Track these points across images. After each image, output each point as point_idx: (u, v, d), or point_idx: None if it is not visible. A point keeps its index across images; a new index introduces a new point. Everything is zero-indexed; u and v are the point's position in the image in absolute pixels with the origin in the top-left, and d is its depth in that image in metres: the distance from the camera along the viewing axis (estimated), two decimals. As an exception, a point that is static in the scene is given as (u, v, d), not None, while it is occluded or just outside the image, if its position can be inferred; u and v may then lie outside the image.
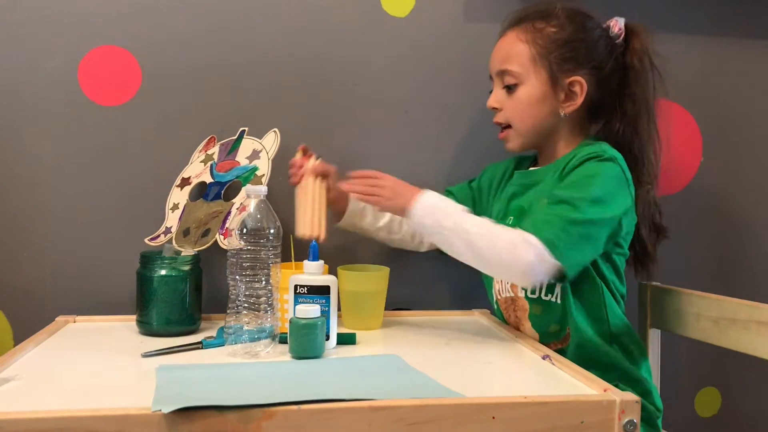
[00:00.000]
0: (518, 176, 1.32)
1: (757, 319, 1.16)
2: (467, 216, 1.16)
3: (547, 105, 1.25)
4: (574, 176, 1.17)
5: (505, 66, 1.25)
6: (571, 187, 1.15)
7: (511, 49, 1.26)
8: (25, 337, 1.15)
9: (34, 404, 0.84)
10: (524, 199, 1.27)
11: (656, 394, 1.24)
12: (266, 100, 1.43)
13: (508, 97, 1.26)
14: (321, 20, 1.44)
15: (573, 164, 1.18)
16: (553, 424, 0.85)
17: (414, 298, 1.47)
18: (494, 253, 1.11)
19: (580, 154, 1.19)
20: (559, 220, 1.11)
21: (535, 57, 1.23)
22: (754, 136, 1.59)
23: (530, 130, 1.26)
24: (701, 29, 1.55)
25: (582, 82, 1.23)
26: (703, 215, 1.58)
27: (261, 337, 1.08)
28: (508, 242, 1.10)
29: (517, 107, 1.25)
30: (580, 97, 1.24)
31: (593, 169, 1.16)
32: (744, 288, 1.48)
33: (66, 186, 1.39)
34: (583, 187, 1.14)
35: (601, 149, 1.19)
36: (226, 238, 1.21)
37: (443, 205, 1.18)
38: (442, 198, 1.20)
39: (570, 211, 1.12)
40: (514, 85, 1.25)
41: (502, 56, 1.27)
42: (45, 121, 1.38)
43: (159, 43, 1.40)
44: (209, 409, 0.80)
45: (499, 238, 1.11)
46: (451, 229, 1.14)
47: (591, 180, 1.15)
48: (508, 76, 1.25)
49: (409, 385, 0.93)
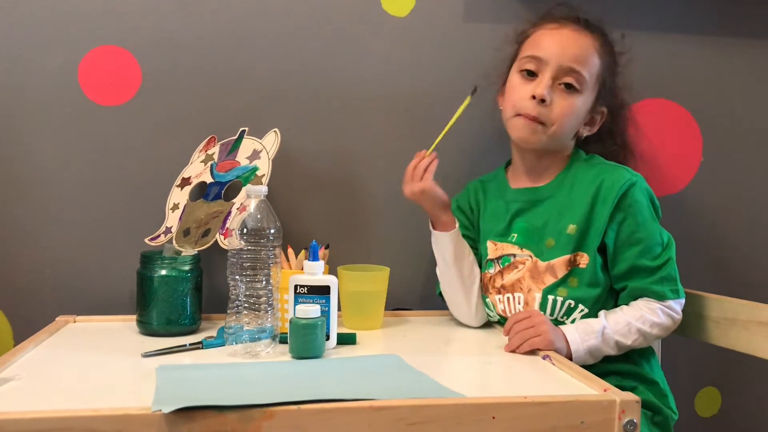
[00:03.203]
0: (516, 193, 1.30)
1: (757, 319, 1.16)
2: (610, 330, 1.15)
3: (580, 123, 1.26)
4: (634, 215, 1.19)
5: (579, 67, 1.20)
6: (641, 230, 1.19)
7: (587, 53, 1.22)
8: (25, 337, 1.15)
9: (34, 404, 0.84)
10: (533, 217, 1.26)
11: (671, 397, 1.24)
12: (266, 100, 1.43)
13: (559, 96, 1.21)
14: (321, 20, 1.44)
15: (615, 198, 1.19)
16: (553, 424, 0.85)
17: (414, 298, 1.47)
18: (654, 338, 1.20)
19: (616, 185, 1.19)
20: (667, 270, 1.19)
21: (599, 75, 1.24)
22: (754, 136, 1.59)
23: (559, 138, 1.24)
24: (701, 29, 1.55)
25: (605, 113, 1.28)
26: (703, 215, 1.58)
27: (261, 337, 1.08)
28: (662, 328, 1.18)
29: (567, 110, 1.21)
30: (598, 124, 1.28)
31: (640, 196, 1.20)
32: (744, 288, 1.48)
33: (66, 186, 1.39)
34: (651, 221, 1.20)
35: (628, 173, 1.22)
36: (227, 238, 1.21)
37: (591, 345, 1.14)
38: (578, 332, 1.15)
39: (664, 255, 1.19)
40: (575, 90, 1.21)
41: (576, 54, 1.21)
42: (45, 121, 1.38)
43: (159, 43, 1.40)
44: (209, 409, 0.80)
45: (653, 328, 1.17)
46: (609, 353, 1.16)
47: (645, 212, 1.20)
48: (575, 76, 1.20)
49: (409, 385, 0.93)
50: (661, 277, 1.18)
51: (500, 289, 1.26)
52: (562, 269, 1.20)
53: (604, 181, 1.21)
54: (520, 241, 1.25)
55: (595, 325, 1.15)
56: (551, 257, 1.22)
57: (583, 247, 1.20)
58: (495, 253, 1.28)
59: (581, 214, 1.21)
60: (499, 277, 1.26)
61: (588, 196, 1.21)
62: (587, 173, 1.25)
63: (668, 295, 1.18)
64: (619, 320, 1.16)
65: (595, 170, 1.24)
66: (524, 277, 1.23)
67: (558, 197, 1.25)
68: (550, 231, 1.23)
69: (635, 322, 1.16)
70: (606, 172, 1.23)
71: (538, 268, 1.22)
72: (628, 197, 1.19)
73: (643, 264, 1.18)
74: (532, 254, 1.23)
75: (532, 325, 1.12)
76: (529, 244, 1.24)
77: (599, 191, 1.21)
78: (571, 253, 1.20)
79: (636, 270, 1.19)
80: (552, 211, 1.24)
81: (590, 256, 1.20)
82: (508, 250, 1.26)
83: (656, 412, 1.20)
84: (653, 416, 1.20)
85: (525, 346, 1.11)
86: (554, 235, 1.22)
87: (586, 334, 1.14)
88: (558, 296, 1.20)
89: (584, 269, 1.20)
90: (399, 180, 1.27)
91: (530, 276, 1.23)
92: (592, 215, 1.20)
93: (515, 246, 1.26)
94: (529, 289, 1.22)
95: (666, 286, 1.18)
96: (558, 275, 1.21)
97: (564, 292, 1.20)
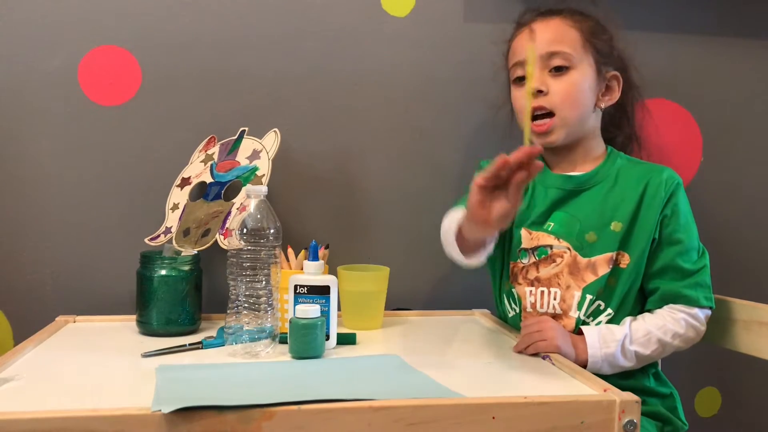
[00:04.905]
0: (558, 179, 1.25)
1: (757, 319, 1.16)
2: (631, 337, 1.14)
3: (592, 96, 1.22)
4: (679, 216, 1.19)
5: (556, 47, 1.19)
6: (684, 231, 1.19)
7: (561, 32, 1.21)
8: (25, 337, 1.15)
9: (34, 404, 0.84)
10: (572, 207, 1.22)
11: (681, 408, 1.24)
12: (266, 100, 1.43)
13: (555, 81, 1.19)
14: (321, 20, 1.44)
15: (665, 194, 1.19)
16: (553, 424, 0.85)
17: (414, 298, 1.47)
18: (674, 349, 1.17)
19: (667, 182, 1.19)
20: (702, 276, 1.18)
21: (585, 44, 1.20)
22: (754, 136, 1.59)
23: (576, 121, 1.21)
24: (701, 29, 1.55)
25: (619, 77, 1.24)
26: (703, 215, 1.57)
27: (261, 337, 1.08)
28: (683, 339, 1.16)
29: (567, 90, 1.19)
30: (617, 92, 1.24)
31: (683, 199, 1.21)
32: (744, 288, 1.48)
33: (66, 186, 1.39)
34: (692, 225, 1.21)
35: (674, 173, 1.21)
36: (226, 238, 1.21)
37: (608, 353, 1.13)
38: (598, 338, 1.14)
39: (701, 261, 1.19)
40: (566, 68, 1.19)
41: (550, 38, 1.20)
42: (45, 121, 1.38)
43: (159, 43, 1.40)
44: (209, 409, 0.80)
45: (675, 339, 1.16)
46: (627, 365, 1.14)
47: (688, 215, 1.21)
48: (559, 57, 1.19)
49: (409, 385, 0.93)
50: (696, 282, 1.17)
51: (533, 281, 1.22)
52: (604, 267, 1.17)
53: (652, 180, 1.19)
54: (557, 230, 1.21)
55: (617, 333, 1.13)
56: (593, 254, 1.18)
57: (626, 247, 1.18)
58: (530, 242, 1.23)
59: (628, 213, 1.18)
60: (534, 268, 1.22)
61: (636, 194, 1.19)
62: (632, 170, 1.22)
63: (701, 302, 1.16)
64: (640, 328, 1.14)
65: (640, 168, 1.23)
66: (563, 272, 1.19)
67: (600, 190, 1.22)
68: (592, 225, 1.19)
69: (656, 331, 1.14)
70: (654, 171, 1.21)
71: (578, 264, 1.19)
72: (675, 197, 1.19)
73: (679, 265, 1.17)
74: (571, 247, 1.19)
75: (540, 330, 1.11)
76: (568, 235, 1.20)
77: (647, 190, 1.19)
78: (614, 252, 1.18)
79: (671, 269, 1.17)
80: (594, 204, 1.21)
81: (632, 257, 1.17)
82: (544, 241, 1.21)
83: (667, 423, 1.20)
84: (663, 427, 1.19)
85: (530, 349, 1.10)
86: (597, 230, 1.19)
87: (606, 340, 1.12)
88: (596, 296, 1.17)
89: (624, 270, 1.17)
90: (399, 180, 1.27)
91: (569, 272, 1.19)
92: (640, 214, 1.18)
93: (551, 236, 1.21)
94: (567, 286, 1.19)
95: (700, 292, 1.17)
96: (599, 273, 1.17)
97: (601, 292, 1.17)
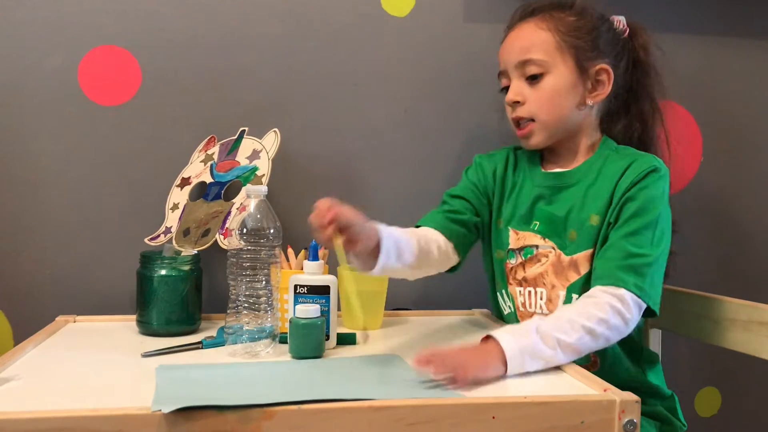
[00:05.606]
0: (543, 177, 1.23)
1: (757, 319, 1.16)
2: (549, 327, 1.01)
3: (574, 95, 1.19)
4: (641, 200, 1.11)
5: (527, 55, 1.18)
6: (641, 215, 1.10)
7: (532, 37, 1.19)
8: (25, 337, 1.15)
9: (34, 404, 0.83)
10: (555, 205, 1.19)
11: (679, 408, 1.23)
12: (266, 100, 1.43)
13: (532, 89, 1.18)
14: (321, 20, 1.44)
15: (634, 179, 1.12)
16: (553, 424, 0.85)
17: (414, 298, 1.47)
18: (604, 340, 1.05)
19: (639, 167, 1.13)
20: (642, 264, 1.07)
21: (560, 44, 1.17)
22: (754, 136, 1.59)
23: (556, 123, 1.19)
24: (701, 29, 1.55)
25: (608, 69, 1.19)
26: (703, 215, 1.58)
27: (261, 337, 1.08)
28: (610, 326, 1.03)
29: (543, 97, 1.18)
30: (607, 86, 1.20)
31: (656, 188, 1.12)
32: (744, 288, 1.48)
33: (66, 186, 1.39)
34: (651, 216, 1.10)
35: (657, 162, 1.14)
36: (226, 238, 1.21)
37: (525, 343, 0.99)
38: (510, 333, 1.00)
39: (648, 249, 1.08)
40: (540, 75, 1.17)
41: (521, 46, 1.19)
42: (45, 121, 1.38)
43: (159, 43, 1.40)
44: (209, 409, 0.80)
45: (600, 325, 1.03)
46: (552, 355, 1.00)
47: (656, 204, 1.11)
48: (532, 65, 1.17)
49: (409, 385, 0.92)
50: (632, 266, 1.07)
51: (521, 281, 1.21)
52: (585, 265, 1.15)
53: (630, 167, 1.14)
54: (542, 230, 1.19)
55: (529, 323, 1.03)
56: (574, 251, 1.16)
57: (603, 241, 1.13)
58: (517, 243, 1.22)
59: (604, 203, 1.14)
60: (521, 269, 1.21)
61: (612, 184, 1.15)
62: (616, 163, 1.17)
63: (630, 287, 1.05)
64: (560, 317, 1.04)
65: (624, 160, 1.17)
66: (547, 271, 1.18)
67: (582, 185, 1.18)
68: (573, 222, 1.17)
69: (578, 317, 1.02)
70: (636, 158, 1.16)
71: (562, 262, 1.17)
72: (645, 181, 1.12)
73: (623, 245, 1.09)
74: (555, 246, 1.18)
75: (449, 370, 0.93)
76: (552, 234, 1.18)
77: (622, 177, 1.14)
78: (593, 248, 1.14)
79: (613, 248, 1.10)
80: (575, 200, 1.18)
81: None
82: (531, 241, 1.20)
83: (666, 423, 1.19)
84: (663, 427, 1.19)
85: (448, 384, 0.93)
86: (576, 227, 1.16)
87: (518, 333, 1.00)
88: (581, 294, 1.12)
89: None
90: (399, 180, 1.27)
91: (554, 271, 1.17)
92: (612, 203, 1.14)
93: (537, 235, 1.19)
94: (552, 286, 1.17)
95: (632, 277, 1.06)
96: (581, 272, 1.15)
97: (586, 290, 1.11)
